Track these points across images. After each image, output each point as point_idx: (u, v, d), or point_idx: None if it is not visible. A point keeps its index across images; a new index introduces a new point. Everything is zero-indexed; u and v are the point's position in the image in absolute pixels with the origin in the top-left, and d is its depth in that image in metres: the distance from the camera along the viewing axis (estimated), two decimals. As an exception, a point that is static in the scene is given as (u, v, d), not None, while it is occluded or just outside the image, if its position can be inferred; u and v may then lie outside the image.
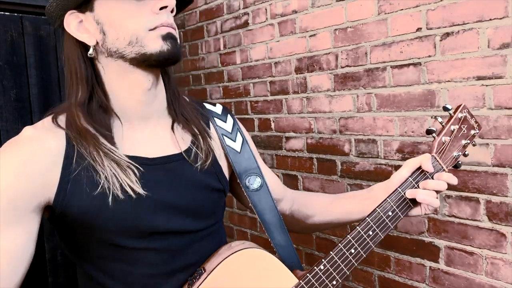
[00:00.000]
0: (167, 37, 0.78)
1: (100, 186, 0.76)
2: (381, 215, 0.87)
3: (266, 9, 1.91)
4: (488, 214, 1.26)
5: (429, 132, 0.92)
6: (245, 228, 2.20)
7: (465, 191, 1.31)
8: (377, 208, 0.88)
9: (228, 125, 1.00)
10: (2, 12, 2.16)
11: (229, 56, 2.17)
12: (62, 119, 0.82)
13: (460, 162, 0.94)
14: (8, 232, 0.72)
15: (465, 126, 0.93)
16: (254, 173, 0.97)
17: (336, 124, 1.67)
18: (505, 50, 1.18)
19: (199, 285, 0.79)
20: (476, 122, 0.95)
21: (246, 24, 2.03)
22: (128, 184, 0.77)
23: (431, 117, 0.91)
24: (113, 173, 0.77)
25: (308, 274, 0.84)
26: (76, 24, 0.80)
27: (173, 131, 0.89)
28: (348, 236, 0.86)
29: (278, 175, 1.95)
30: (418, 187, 0.90)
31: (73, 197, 0.76)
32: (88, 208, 0.76)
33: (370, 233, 0.87)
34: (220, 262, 0.80)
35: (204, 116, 0.97)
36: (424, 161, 0.89)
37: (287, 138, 1.91)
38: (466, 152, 0.95)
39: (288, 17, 1.81)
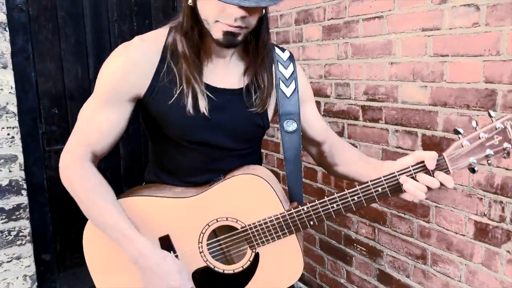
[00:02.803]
0: (227, 33, 0.93)
1: (175, 99, 1.01)
2: (371, 188, 0.97)
3: (275, -33, 2.17)
4: (423, 145, 1.51)
5: (456, 132, 0.94)
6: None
7: (408, 126, 1.56)
8: (369, 182, 0.97)
9: (288, 71, 1.12)
10: (64, -30, 2.61)
11: (247, 10, 2.46)
12: (163, 36, 1.05)
13: (476, 168, 0.93)
14: (110, 108, 1.02)
15: (499, 137, 0.91)
16: (293, 119, 1.11)
17: (322, 70, 1.95)
18: (443, 5, 1.39)
19: (211, 187, 1.05)
20: None
21: (260, -20, 2.31)
22: (197, 107, 1.01)
23: (474, 122, 0.93)
24: (191, 93, 1.00)
25: (293, 210, 1.02)
26: None
27: (243, 75, 1.08)
28: (336, 194, 1.00)
29: (278, 115, 2.27)
30: (415, 177, 0.95)
31: (154, 99, 1.03)
32: (162, 113, 1.03)
33: (355, 198, 0.98)
34: (232, 177, 1.04)
35: (270, 59, 1.10)
36: (428, 157, 0.94)
37: (287, 83, 2.21)
38: (490, 161, 0.93)
39: (291, -25, 2.06)
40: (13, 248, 2.02)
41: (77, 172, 1.02)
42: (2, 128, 1.91)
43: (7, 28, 1.90)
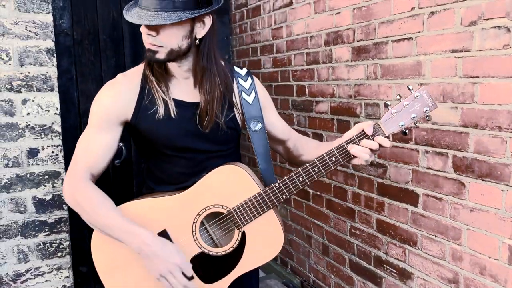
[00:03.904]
0: (147, 50, 1.19)
1: (155, 114, 1.24)
2: (326, 159, 1.18)
3: (305, -10, 2.23)
4: (454, 167, 1.50)
5: (385, 105, 1.18)
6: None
7: (438, 147, 1.55)
8: (324, 154, 1.19)
9: (247, 83, 1.36)
10: (106, -3, 2.78)
11: (278, 31, 2.53)
12: (140, 69, 1.29)
13: (406, 131, 1.16)
14: (102, 134, 1.24)
15: (419, 103, 1.14)
16: (257, 120, 1.34)
17: (352, 90, 1.97)
18: (473, 27, 1.39)
19: (197, 182, 1.24)
20: (432, 102, 1.14)
21: (291, 3, 2.37)
22: (171, 115, 1.23)
23: (398, 96, 1.16)
24: (164, 107, 1.23)
25: (267, 188, 1.22)
26: None
27: (195, 88, 1.28)
28: (299, 169, 1.21)
29: (308, 134, 2.30)
30: (359, 144, 1.17)
31: (140, 119, 1.25)
32: (148, 128, 1.25)
33: (316, 169, 1.19)
34: (213, 170, 1.24)
35: (230, 76, 1.34)
36: (366, 126, 1.16)
37: (317, 102, 2.24)
38: (416, 124, 1.16)
39: (321, -3, 2.11)
40: (54, 260, 2.13)
41: (81, 190, 1.21)
42: (48, 146, 2.05)
43: (54, 54, 2.05)
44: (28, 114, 2.01)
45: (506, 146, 1.32)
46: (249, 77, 1.38)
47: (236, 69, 1.39)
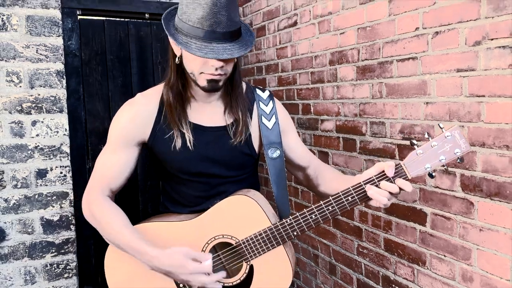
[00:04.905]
0: (210, 81, 1.16)
1: (171, 140, 1.23)
2: (341, 198, 1.11)
3: (310, 11, 2.27)
4: (462, 186, 1.49)
5: (411, 143, 1.08)
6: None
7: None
8: (340, 193, 1.12)
9: (268, 108, 1.32)
10: (114, 18, 2.84)
11: (282, 51, 2.56)
12: (159, 91, 1.28)
13: (433, 174, 1.07)
14: (119, 153, 1.26)
15: (450, 145, 1.03)
16: (276, 147, 1.30)
17: (357, 109, 1.98)
18: (477, 47, 1.40)
19: (208, 209, 1.22)
20: (465, 143, 1.03)
21: (295, 23, 2.41)
22: (186, 143, 1.23)
23: (426, 134, 1.06)
24: (180, 134, 1.23)
25: (278, 223, 1.17)
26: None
27: (225, 112, 1.29)
28: (313, 206, 1.14)
29: (314, 152, 2.31)
30: (379, 184, 1.09)
31: (156, 142, 1.26)
32: (163, 152, 1.25)
33: (330, 208, 1.13)
34: (224, 199, 1.22)
35: (251, 99, 1.32)
36: (387, 166, 1.08)
37: (322, 121, 2.25)
38: (445, 166, 1.06)
39: (325, 18, 2.14)
40: (61, 281, 2.13)
41: (97, 204, 1.22)
42: (56, 167, 2.07)
43: (64, 76, 2.09)
44: (37, 135, 2.04)
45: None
46: (271, 101, 1.34)
47: (258, 91, 1.36)
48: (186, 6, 1.11)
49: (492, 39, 1.35)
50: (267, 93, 1.35)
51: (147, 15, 2.89)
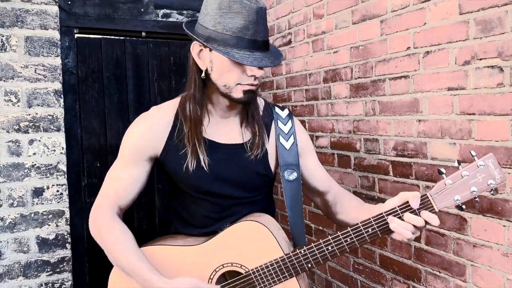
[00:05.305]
0: (248, 91, 1.12)
1: (184, 158, 1.18)
2: (361, 229, 1.03)
3: (304, 30, 2.31)
4: (455, 202, 1.52)
5: (439, 172, 1.00)
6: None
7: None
8: (359, 223, 1.04)
9: (286, 127, 1.26)
10: (110, 36, 2.87)
11: (277, 68, 2.60)
12: (175, 106, 1.23)
13: (463, 206, 0.98)
14: (130, 167, 1.21)
15: (483, 175, 0.94)
16: (293, 169, 1.22)
17: (351, 126, 2.01)
18: (467, 66, 1.44)
19: (217, 234, 1.17)
20: (500, 173, 0.94)
21: (289, 42, 2.45)
22: (201, 164, 1.17)
23: (456, 162, 0.99)
24: (194, 152, 1.17)
25: (291, 253, 1.10)
26: (197, 51, 1.14)
27: (241, 128, 1.23)
28: (330, 237, 1.06)
29: (309, 168, 2.33)
30: (402, 216, 1.00)
31: (168, 158, 1.22)
32: (175, 168, 1.21)
33: (348, 239, 1.04)
34: (234, 224, 1.16)
35: (269, 118, 1.26)
36: (412, 196, 1.01)
37: (317, 137, 2.28)
38: (477, 199, 0.97)
39: (319, 37, 2.19)
40: (56, 301, 2.12)
41: (107, 227, 1.17)
42: (53, 185, 2.07)
43: (62, 95, 2.11)
44: (34, 154, 2.05)
45: (505, 182, 1.34)
46: (290, 120, 1.29)
47: (277, 109, 1.31)
48: (221, 17, 1.07)
49: (481, 59, 1.39)
50: (286, 111, 1.30)
51: (143, 33, 2.92)
